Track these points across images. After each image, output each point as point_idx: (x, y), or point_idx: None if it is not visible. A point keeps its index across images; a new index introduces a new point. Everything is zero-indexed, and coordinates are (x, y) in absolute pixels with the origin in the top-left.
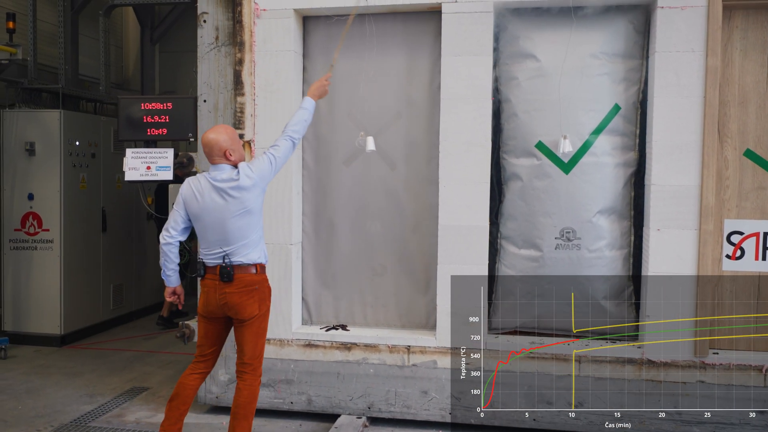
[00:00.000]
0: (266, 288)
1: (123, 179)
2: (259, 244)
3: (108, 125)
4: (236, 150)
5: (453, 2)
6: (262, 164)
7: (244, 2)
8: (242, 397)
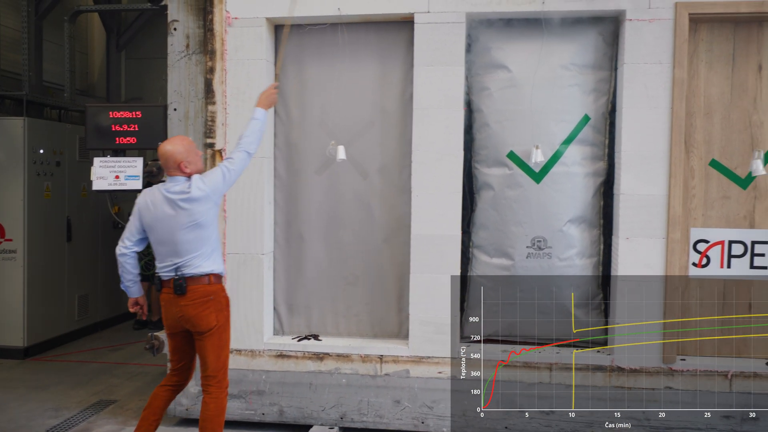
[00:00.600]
0: (222, 298)
1: (89, 188)
2: (212, 256)
3: (73, 133)
4: (192, 162)
5: (425, 13)
6: (214, 177)
7: (216, 10)
8: (209, 411)
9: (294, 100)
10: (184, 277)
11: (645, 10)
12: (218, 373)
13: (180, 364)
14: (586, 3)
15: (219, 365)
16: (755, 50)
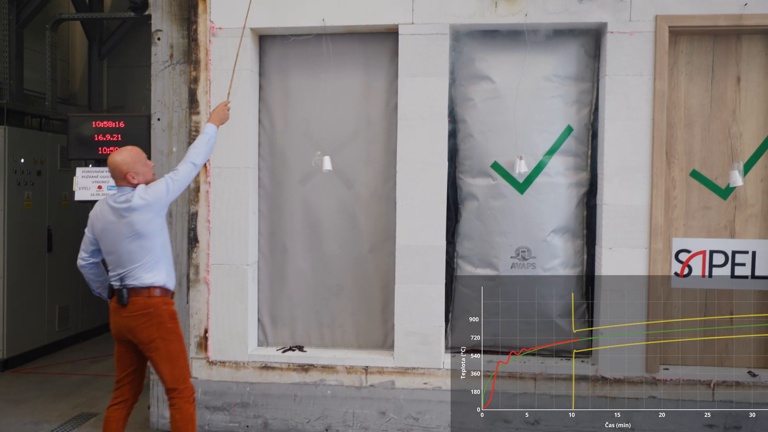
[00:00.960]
0: (164, 311)
1: (70, 198)
2: (154, 268)
3: (54, 142)
4: (140, 173)
5: (410, 24)
6: (158, 187)
7: (200, 20)
8: (176, 423)
9: (278, 110)
10: (126, 288)
11: (626, 22)
12: (178, 386)
13: (123, 374)
14: (568, 16)
15: (176, 377)
16: (734, 62)
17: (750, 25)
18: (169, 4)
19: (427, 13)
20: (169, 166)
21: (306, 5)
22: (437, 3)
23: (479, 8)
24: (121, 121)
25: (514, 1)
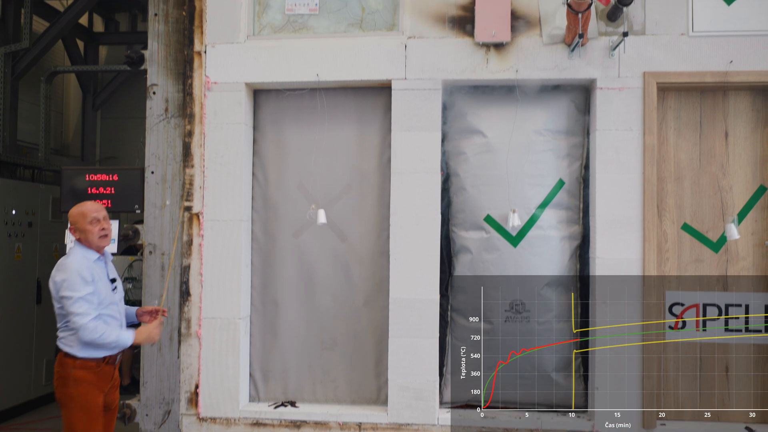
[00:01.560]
0: (66, 375)
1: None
2: (64, 331)
3: (47, 193)
4: (80, 230)
5: (402, 79)
6: (64, 290)
7: (195, 75)
8: None
9: (272, 163)
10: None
11: (615, 78)
12: None
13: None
14: (558, 72)
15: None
16: (721, 118)
17: (736, 81)
18: (165, 59)
19: (420, 68)
20: (162, 219)
21: (300, 61)
22: (429, 59)
23: (471, 64)
24: (115, 174)
25: (505, 57)
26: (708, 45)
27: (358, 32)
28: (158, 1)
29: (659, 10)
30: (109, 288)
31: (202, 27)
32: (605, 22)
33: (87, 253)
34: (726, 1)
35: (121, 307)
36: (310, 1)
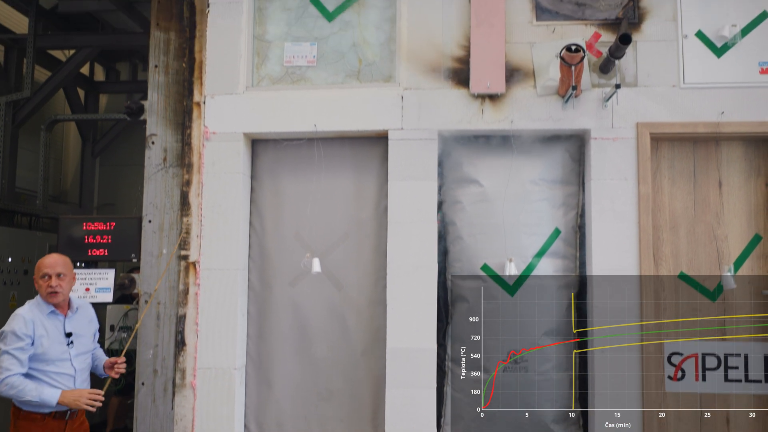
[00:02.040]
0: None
1: None
2: None
3: (44, 240)
4: (36, 281)
5: (399, 129)
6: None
7: (194, 125)
8: None
9: (269, 212)
10: None
11: (608, 129)
12: None
13: None
14: (552, 122)
15: None
16: (714, 167)
17: (728, 132)
18: (164, 109)
19: (416, 118)
20: (159, 268)
21: (298, 111)
22: (426, 109)
23: (466, 115)
24: (112, 222)
25: (500, 108)
26: (699, 96)
27: (355, 83)
28: (159, 53)
29: (651, 62)
30: (63, 343)
31: (201, 78)
32: (598, 74)
33: (41, 305)
34: (716, 54)
35: (82, 361)
36: (309, 54)
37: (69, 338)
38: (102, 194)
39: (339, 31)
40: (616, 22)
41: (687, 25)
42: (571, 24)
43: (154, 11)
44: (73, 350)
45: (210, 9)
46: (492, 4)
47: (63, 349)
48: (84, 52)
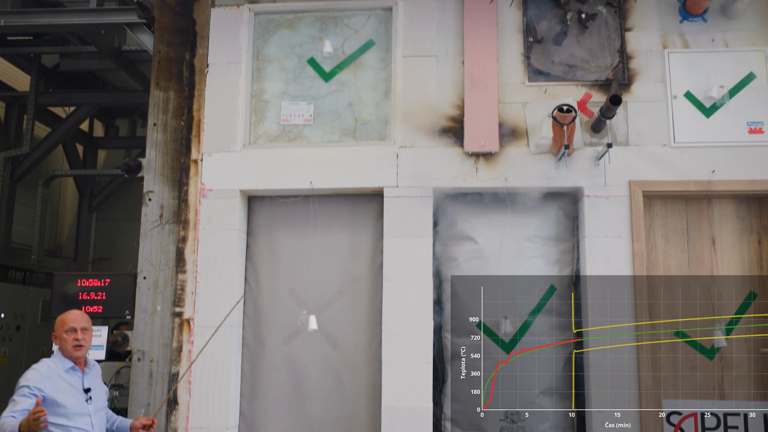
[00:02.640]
0: None
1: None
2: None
3: (37, 295)
4: (57, 337)
5: (394, 187)
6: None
7: (191, 182)
8: None
9: (264, 269)
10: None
11: (601, 187)
12: None
13: None
14: (545, 180)
15: None
16: (707, 225)
17: (719, 190)
18: (162, 166)
19: (411, 176)
20: (152, 325)
21: (295, 169)
22: (420, 167)
23: (461, 172)
24: (107, 278)
25: (494, 166)
26: (690, 155)
27: (351, 142)
28: (158, 112)
29: (641, 122)
30: (82, 399)
31: (199, 136)
32: (590, 134)
33: (59, 362)
34: (705, 114)
35: (100, 418)
36: (305, 112)
37: (88, 394)
38: (98, 249)
39: (335, 90)
40: (607, 83)
41: (676, 86)
42: (562, 85)
43: (154, 71)
44: (92, 406)
45: (209, 69)
46: (485, 66)
47: (83, 404)
48: (84, 109)
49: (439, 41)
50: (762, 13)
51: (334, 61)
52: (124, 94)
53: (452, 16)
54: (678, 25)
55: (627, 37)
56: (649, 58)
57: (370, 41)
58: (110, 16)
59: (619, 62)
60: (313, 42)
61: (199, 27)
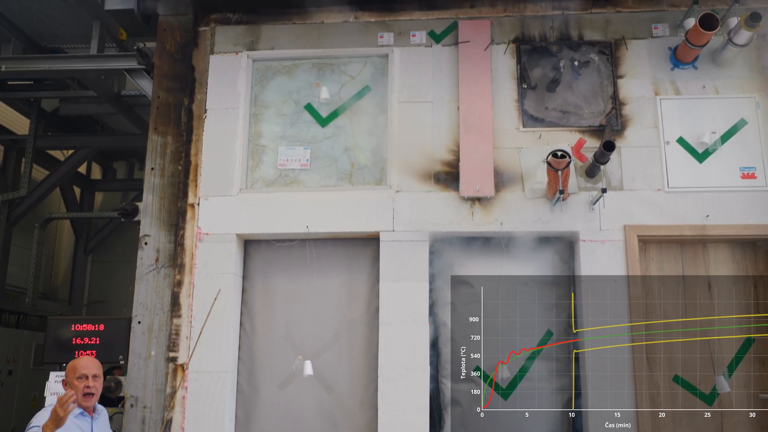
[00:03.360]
0: None
1: (39, 398)
2: None
3: (30, 339)
4: (67, 382)
5: (390, 231)
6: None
7: (187, 226)
8: None
9: (260, 313)
10: None
11: (596, 231)
12: None
13: None
14: (541, 225)
15: None
16: (703, 269)
17: (714, 234)
18: (158, 210)
19: (407, 220)
20: (146, 370)
21: (291, 213)
22: (417, 211)
23: (457, 217)
24: (101, 323)
25: (490, 210)
26: (684, 200)
27: (347, 186)
28: (156, 156)
29: (635, 167)
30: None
31: (196, 180)
32: (584, 178)
33: None
34: (697, 159)
35: None
36: (302, 157)
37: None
38: (93, 291)
39: (332, 135)
40: (600, 128)
41: (668, 132)
42: (556, 130)
43: (152, 117)
44: None
45: (207, 114)
46: (480, 112)
47: None
48: (82, 152)
49: (435, 87)
50: (751, 61)
51: (330, 106)
52: (122, 137)
53: (447, 63)
54: (669, 72)
55: (619, 84)
56: (641, 104)
57: (366, 87)
58: (111, 62)
59: (612, 108)
60: (310, 88)
61: (198, 73)
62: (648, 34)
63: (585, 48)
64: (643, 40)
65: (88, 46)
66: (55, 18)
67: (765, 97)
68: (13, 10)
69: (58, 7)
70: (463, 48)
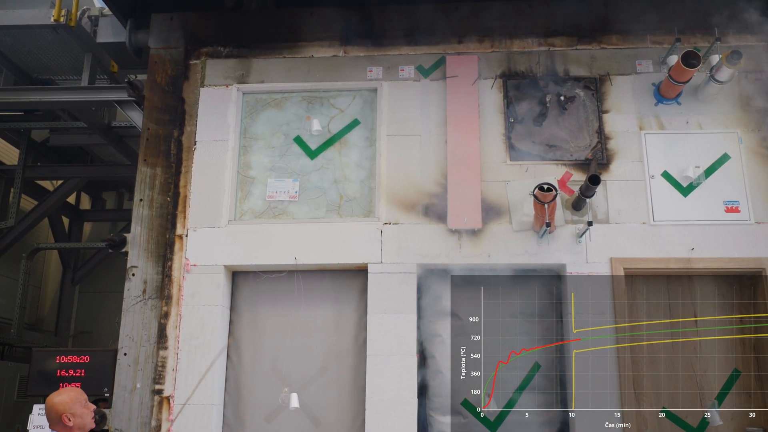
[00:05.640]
0: None
1: (22, 431)
2: None
3: (15, 371)
4: (77, 415)
5: (378, 263)
6: None
7: (175, 258)
8: None
9: (247, 345)
10: None
11: (583, 264)
12: None
13: None
14: (528, 257)
15: None
16: (689, 302)
17: (699, 268)
18: (146, 242)
19: (395, 252)
20: (131, 402)
21: (279, 244)
22: (405, 243)
23: (444, 249)
24: (86, 355)
25: (477, 242)
26: (669, 233)
27: (335, 218)
28: (145, 188)
29: (621, 200)
30: None
31: (185, 212)
32: (571, 211)
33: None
34: (682, 193)
35: None
36: (291, 189)
37: None
38: (80, 322)
39: (321, 168)
40: (586, 162)
41: (653, 166)
42: (543, 164)
43: (142, 148)
44: None
45: (197, 146)
46: (467, 145)
47: None
48: (72, 182)
49: (423, 121)
50: (734, 97)
51: (320, 139)
52: (112, 168)
53: (435, 97)
54: (653, 107)
55: (604, 119)
56: (626, 138)
57: (355, 120)
58: (101, 93)
59: (597, 142)
60: (300, 121)
61: (188, 105)
62: (632, 70)
63: (571, 83)
64: (627, 76)
65: (79, 78)
66: (46, 50)
67: (747, 133)
68: (5, 42)
69: (50, 40)
70: (451, 82)
